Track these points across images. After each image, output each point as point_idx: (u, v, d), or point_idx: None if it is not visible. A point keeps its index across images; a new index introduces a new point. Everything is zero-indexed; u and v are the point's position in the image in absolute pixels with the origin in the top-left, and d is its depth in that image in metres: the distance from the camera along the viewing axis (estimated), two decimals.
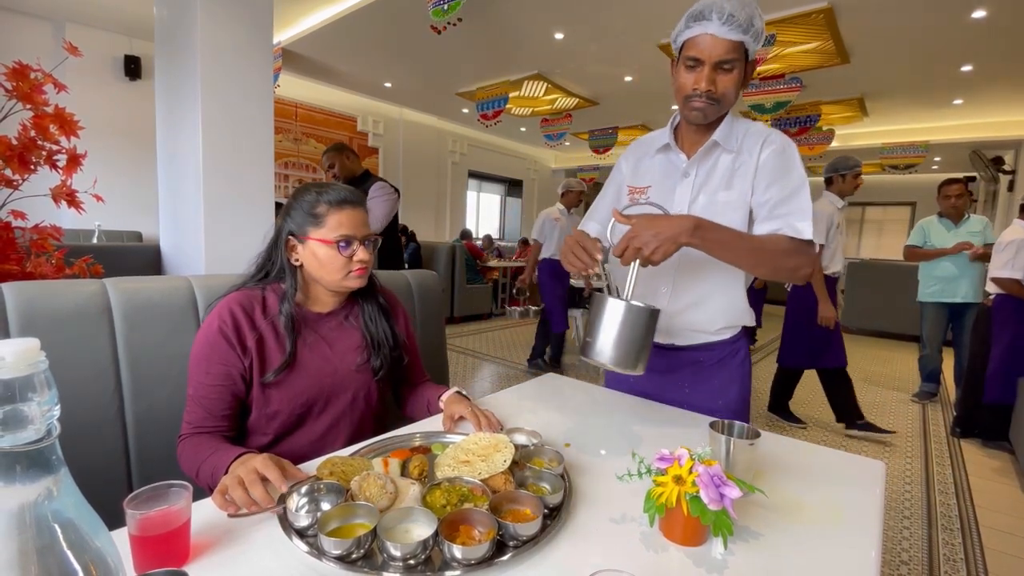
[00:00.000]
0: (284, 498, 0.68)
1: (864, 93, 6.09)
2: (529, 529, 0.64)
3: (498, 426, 0.98)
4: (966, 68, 5.09)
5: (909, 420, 3.45)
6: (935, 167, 9.36)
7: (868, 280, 6.33)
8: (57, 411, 0.31)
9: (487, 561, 0.60)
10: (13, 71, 1.52)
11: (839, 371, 3.09)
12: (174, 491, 0.62)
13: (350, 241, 1.00)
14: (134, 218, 5.10)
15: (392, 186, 3.01)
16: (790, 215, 1.04)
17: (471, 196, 10.04)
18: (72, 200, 1.64)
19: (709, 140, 1.10)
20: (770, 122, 6.27)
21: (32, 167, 1.56)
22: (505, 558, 0.61)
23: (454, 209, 9.36)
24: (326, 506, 0.68)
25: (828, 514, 0.77)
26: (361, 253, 1.01)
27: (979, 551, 1.98)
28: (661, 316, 0.99)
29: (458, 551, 0.59)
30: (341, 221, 0.99)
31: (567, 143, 8.84)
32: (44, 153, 1.58)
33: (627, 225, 0.93)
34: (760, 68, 4.63)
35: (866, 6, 3.95)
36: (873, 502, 0.81)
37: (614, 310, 0.91)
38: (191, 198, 2.71)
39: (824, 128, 6.85)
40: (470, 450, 0.83)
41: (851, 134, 7.70)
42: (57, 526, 0.31)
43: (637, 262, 0.92)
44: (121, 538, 0.58)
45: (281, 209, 1.07)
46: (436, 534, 0.61)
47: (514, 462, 0.79)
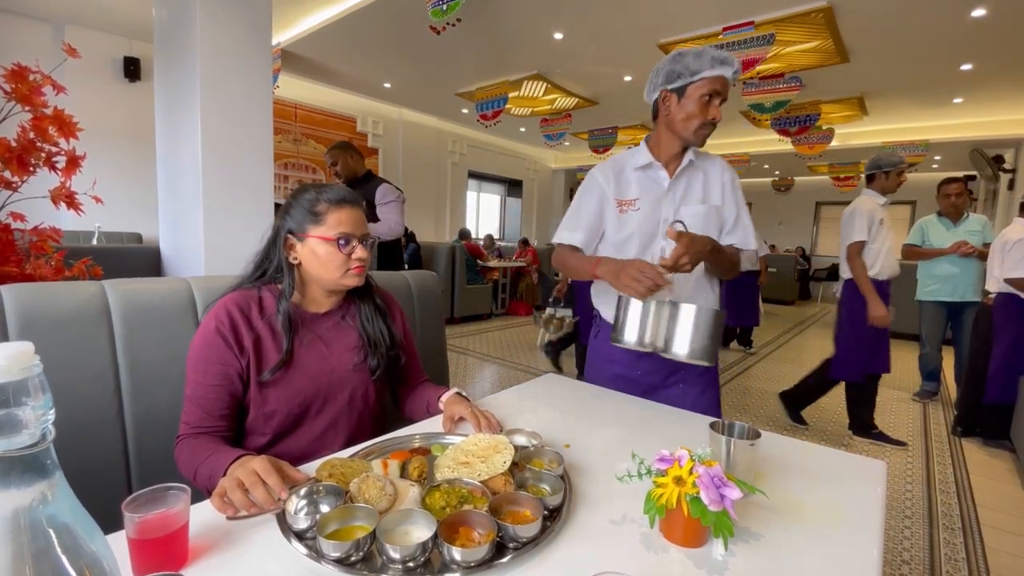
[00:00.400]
0: (282, 500, 0.68)
1: (864, 92, 6.09)
2: (529, 531, 0.64)
3: (498, 427, 0.98)
4: (966, 67, 5.08)
5: (910, 419, 3.44)
6: (935, 166, 9.36)
7: None
8: (52, 415, 0.31)
9: (487, 563, 0.60)
10: (12, 73, 1.52)
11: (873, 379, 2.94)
12: (172, 494, 0.62)
13: (349, 239, 1.01)
14: (134, 220, 5.11)
15: (397, 188, 3.01)
16: (744, 231, 1.35)
17: (471, 196, 10.05)
18: (71, 202, 1.64)
19: (686, 161, 1.31)
20: (770, 121, 6.28)
21: (31, 169, 1.57)
22: (505, 560, 0.61)
23: (454, 209, 9.37)
24: (325, 508, 0.68)
25: (829, 514, 0.77)
26: (360, 251, 1.03)
27: (980, 550, 1.98)
28: None
29: (458, 553, 0.59)
30: (341, 219, 1.01)
31: (567, 143, 8.85)
32: (43, 155, 1.59)
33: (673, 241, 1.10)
34: (760, 67, 4.63)
35: (866, 5, 3.95)
36: (874, 502, 0.81)
37: (695, 313, 1.05)
38: (191, 199, 2.71)
39: (824, 127, 6.84)
40: (470, 451, 0.83)
41: (851, 133, 7.69)
42: (52, 531, 0.30)
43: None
44: (119, 541, 0.58)
45: (279, 209, 1.07)
46: (435, 536, 0.61)
47: (514, 463, 0.79)
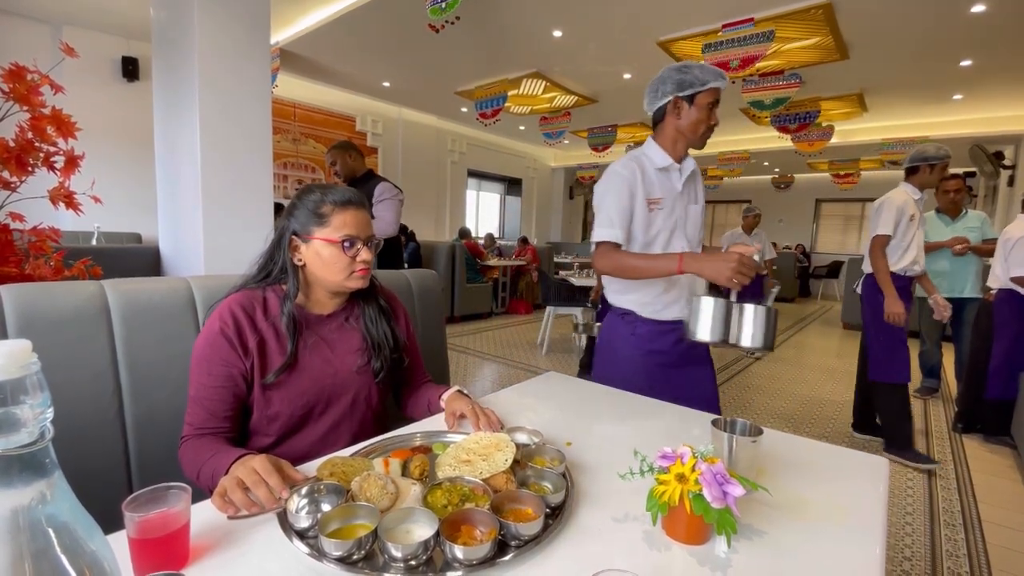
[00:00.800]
0: (283, 499, 0.68)
1: (863, 89, 6.08)
2: (531, 529, 0.64)
3: (498, 425, 0.98)
4: (965, 63, 5.07)
5: (914, 412, 3.44)
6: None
7: None
8: (50, 414, 0.31)
9: (489, 561, 0.60)
10: (10, 73, 1.52)
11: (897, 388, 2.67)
12: (173, 493, 0.61)
13: (354, 241, 1.00)
14: (133, 220, 5.10)
15: (396, 187, 3.00)
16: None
17: (470, 195, 10.04)
18: (70, 202, 1.63)
19: (692, 164, 1.46)
20: (769, 119, 6.27)
21: (30, 169, 1.56)
22: (507, 558, 0.61)
23: (454, 208, 9.36)
24: (327, 507, 0.68)
25: (832, 511, 0.77)
26: (364, 253, 1.02)
27: (982, 546, 1.98)
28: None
29: (460, 551, 0.59)
30: (346, 221, 1.00)
31: (566, 141, 8.83)
32: (42, 155, 1.58)
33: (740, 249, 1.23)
34: (759, 64, 4.61)
35: (865, 1, 3.94)
36: (877, 499, 0.81)
37: (760, 311, 1.20)
38: (190, 199, 2.71)
39: (824, 124, 6.84)
40: (471, 449, 0.82)
41: (851, 130, 7.68)
42: (51, 530, 0.30)
43: None
44: (120, 541, 0.58)
45: (284, 209, 1.07)
46: (437, 534, 0.60)
47: (515, 461, 0.79)
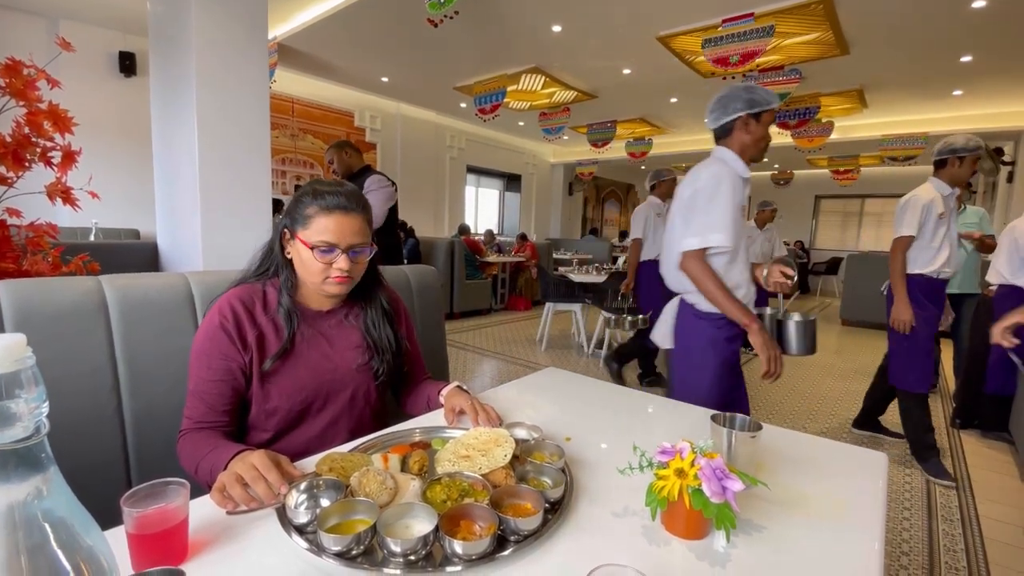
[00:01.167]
0: (282, 494, 0.68)
1: (863, 84, 6.06)
2: (530, 524, 0.64)
3: (497, 421, 0.98)
4: (966, 59, 5.06)
5: None
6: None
7: (867, 272, 6.35)
8: (46, 408, 0.31)
9: (488, 556, 0.60)
10: (6, 67, 1.51)
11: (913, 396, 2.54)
12: (172, 488, 0.61)
13: (331, 249, 0.96)
14: (132, 215, 5.08)
15: (388, 178, 2.99)
16: None
17: (470, 191, 10.01)
18: (67, 197, 1.63)
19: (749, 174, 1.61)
20: None
21: (26, 164, 1.55)
22: (506, 553, 0.61)
23: (453, 204, 9.34)
24: (325, 502, 0.68)
25: (831, 506, 0.77)
26: (342, 262, 0.97)
27: (979, 541, 1.99)
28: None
29: (459, 546, 0.59)
30: (327, 226, 0.95)
31: (565, 137, 8.80)
32: (38, 150, 1.57)
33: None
34: (759, 60, 4.60)
35: None
36: (876, 494, 0.81)
37: (807, 324, 1.60)
38: (188, 195, 2.70)
39: (823, 120, 6.82)
40: (470, 445, 0.82)
41: (850, 126, 7.67)
42: (47, 525, 0.30)
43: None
44: (119, 536, 0.58)
45: (286, 202, 1.06)
46: (436, 529, 0.61)
47: (515, 456, 0.79)
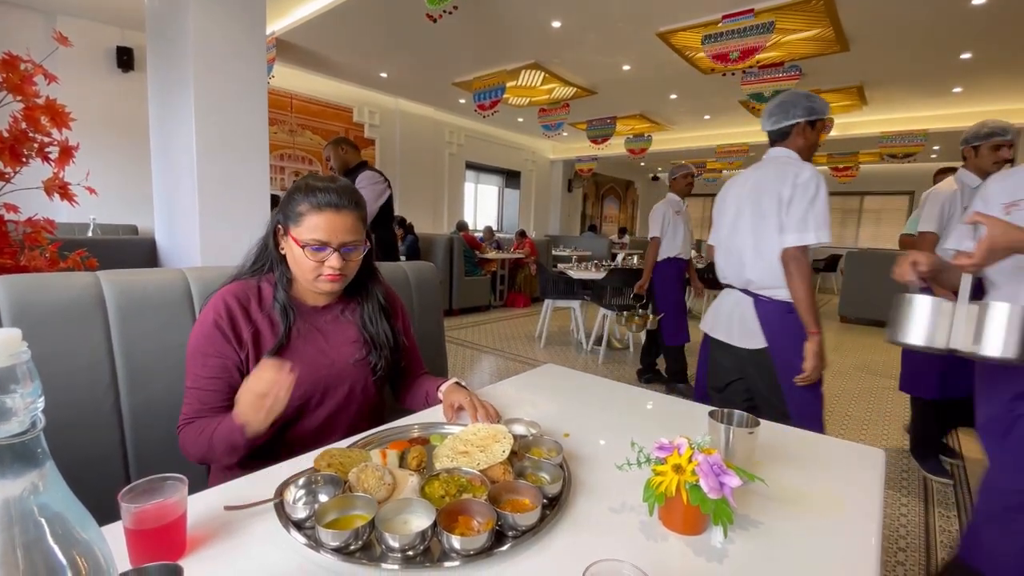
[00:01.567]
0: (281, 490, 0.68)
1: (863, 81, 6.06)
2: (528, 519, 0.64)
3: (496, 416, 0.98)
4: (966, 56, 5.05)
5: (905, 406, 3.45)
6: (934, 156, 9.35)
7: (866, 269, 6.36)
8: (41, 403, 0.31)
9: (486, 551, 0.60)
10: (3, 62, 1.50)
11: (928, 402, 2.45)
12: (170, 484, 0.61)
13: (322, 247, 0.96)
14: (129, 211, 5.07)
15: (381, 174, 2.99)
16: None
17: (469, 187, 10.00)
18: (65, 193, 1.62)
19: None
20: None
21: (24, 159, 1.55)
22: (504, 548, 0.61)
23: (452, 201, 9.33)
24: (324, 498, 0.68)
25: (828, 502, 0.77)
26: (333, 260, 0.97)
27: None
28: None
29: (457, 542, 0.59)
30: (318, 224, 0.95)
31: (565, 133, 8.80)
32: (36, 145, 1.57)
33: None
34: (759, 56, 4.59)
35: None
36: (873, 489, 0.81)
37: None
38: (185, 190, 2.69)
39: None
40: (469, 441, 0.82)
41: (850, 123, 7.67)
42: (44, 520, 0.30)
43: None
44: (117, 532, 0.58)
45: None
46: (435, 525, 0.61)
47: (513, 452, 0.79)
